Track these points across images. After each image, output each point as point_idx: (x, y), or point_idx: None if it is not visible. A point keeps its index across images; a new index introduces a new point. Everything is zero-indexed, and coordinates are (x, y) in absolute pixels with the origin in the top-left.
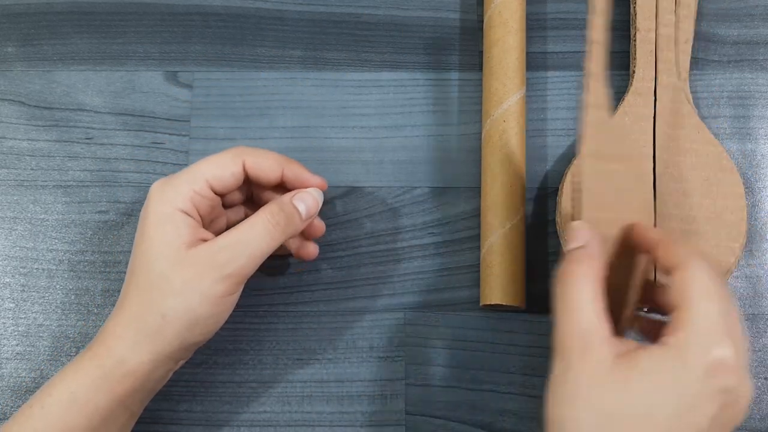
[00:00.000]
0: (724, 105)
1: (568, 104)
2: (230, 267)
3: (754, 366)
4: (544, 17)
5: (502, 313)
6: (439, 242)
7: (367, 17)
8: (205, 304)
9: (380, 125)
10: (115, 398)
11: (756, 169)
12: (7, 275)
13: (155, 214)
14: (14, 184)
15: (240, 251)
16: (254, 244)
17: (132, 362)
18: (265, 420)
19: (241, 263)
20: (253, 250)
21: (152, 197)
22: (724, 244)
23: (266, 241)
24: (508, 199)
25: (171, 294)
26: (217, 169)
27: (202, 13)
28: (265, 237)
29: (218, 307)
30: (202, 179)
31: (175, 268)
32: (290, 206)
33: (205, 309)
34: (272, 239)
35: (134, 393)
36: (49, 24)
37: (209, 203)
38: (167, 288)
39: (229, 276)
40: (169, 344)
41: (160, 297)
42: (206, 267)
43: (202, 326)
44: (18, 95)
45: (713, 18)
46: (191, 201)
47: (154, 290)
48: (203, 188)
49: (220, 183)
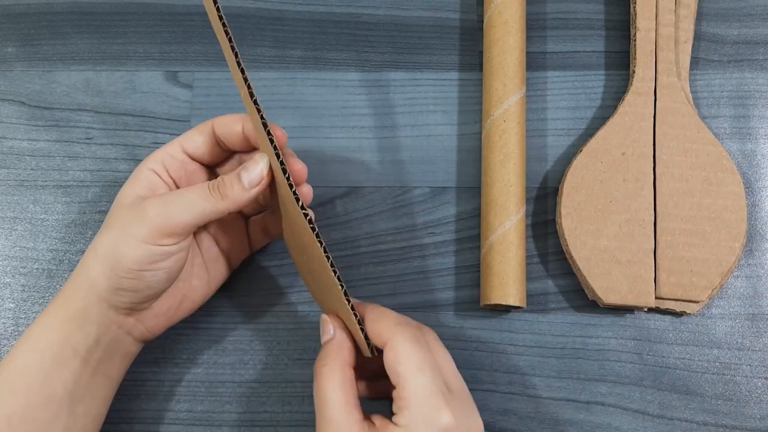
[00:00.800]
0: (724, 105)
1: (568, 104)
2: (154, 213)
3: (755, 366)
4: (544, 17)
5: (502, 313)
6: (439, 242)
7: (367, 17)
8: (128, 243)
9: (380, 125)
10: (60, 336)
11: (756, 169)
12: (7, 275)
13: (133, 173)
14: (14, 184)
15: (170, 203)
16: (186, 201)
17: (70, 299)
18: (266, 420)
19: (167, 213)
20: (183, 205)
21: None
22: (724, 244)
23: (200, 202)
24: (508, 199)
25: (105, 231)
26: (190, 132)
27: (202, 13)
28: (200, 197)
29: (141, 251)
30: (176, 143)
31: (119, 211)
32: (233, 174)
33: (128, 249)
34: (207, 201)
35: (77, 333)
36: (49, 24)
37: (180, 164)
38: (107, 226)
39: (151, 221)
40: (97, 279)
41: (99, 235)
42: (138, 211)
43: (126, 269)
44: (18, 95)
45: (713, 18)
46: (161, 162)
47: (99, 231)
48: (174, 150)
49: (191, 143)
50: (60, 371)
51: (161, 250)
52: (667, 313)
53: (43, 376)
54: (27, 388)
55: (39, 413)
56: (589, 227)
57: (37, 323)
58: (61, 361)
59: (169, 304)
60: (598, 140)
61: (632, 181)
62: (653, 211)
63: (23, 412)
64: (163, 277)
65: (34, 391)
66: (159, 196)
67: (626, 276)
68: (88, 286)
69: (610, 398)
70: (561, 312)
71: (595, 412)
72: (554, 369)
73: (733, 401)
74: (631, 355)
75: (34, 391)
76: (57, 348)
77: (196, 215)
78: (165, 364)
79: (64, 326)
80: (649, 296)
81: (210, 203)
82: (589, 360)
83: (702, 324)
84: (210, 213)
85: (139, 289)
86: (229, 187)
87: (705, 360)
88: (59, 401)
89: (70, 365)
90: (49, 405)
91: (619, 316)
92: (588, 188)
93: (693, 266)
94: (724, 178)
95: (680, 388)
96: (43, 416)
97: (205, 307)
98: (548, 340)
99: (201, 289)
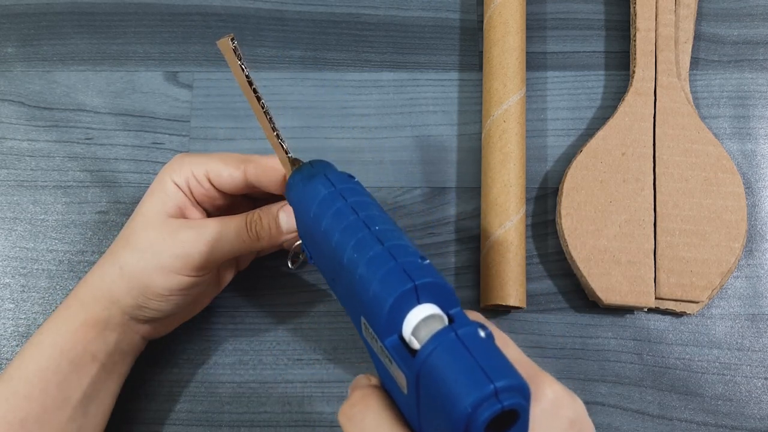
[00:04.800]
0: (724, 105)
1: (568, 104)
2: (190, 247)
3: (755, 366)
4: (544, 17)
5: (502, 313)
6: (439, 242)
7: (367, 17)
8: (160, 272)
9: (380, 125)
10: (79, 342)
11: (756, 169)
12: (7, 275)
13: (156, 181)
14: (14, 184)
15: (206, 238)
16: (222, 238)
17: (90, 307)
18: (266, 420)
19: (201, 249)
20: (218, 242)
21: (165, 166)
22: (724, 245)
23: (236, 240)
24: (508, 199)
25: (132, 249)
26: (220, 164)
27: (202, 13)
28: (236, 236)
29: (171, 281)
30: (203, 167)
31: (147, 229)
32: (271, 215)
33: (160, 278)
34: (242, 241)
35: (97, 341)
36: (49, 24)
37: (204, 192)
38: (133, 243)
39: (187, 255)
40: (122, 297)
41: (123, 250)
42: (171, 239)
43: (155, 294)
44: (18, 95)
45: (713, 18)
46: (187, 180)
47: (122, 242)
48: (200, 176)
49: (218, 179)
50: (77, 376)
51: (193, 281)
52: (667, 314)
53: (59, 380)
54: (43, 393)
55: (55, 416)
56: (589, 227)
57: (49, 328)
58: (79, 366)
59: (184, 313)
60: (598, 140)
61: (632, 182)
62: (653, 212)
63: (39, 416)
64: (190, 300)
65: (51, 395)
66: (195, 228)
67: (626, 276)
68: (111, 299)
69: (610, 398)
70: (561, 312)
71: (595, 413)
72: (554, 369)
73: (733, 401)
74: (631, 355)
75: (51, 395)
76: (74, 354)
77: (233, 253)
78: (165, 364)
79: (83, 333)
80: (649, 296)
81: (246, 243)
82: (589, 360)
83: (702, 324)
84: (245, 252)
85: (165, 309)
86: (266, 230)
87: (705, 360)
88: (76, 404)
89: (88, 370)
90: (65, 408)
91: (619, 317)
92: (588, 188)
93: (693, 266)
94: (724, 178)
95: (680, 388)
96: (58, 419)
97: (205, 308)
98: (548, 340)
99: (210, 293)
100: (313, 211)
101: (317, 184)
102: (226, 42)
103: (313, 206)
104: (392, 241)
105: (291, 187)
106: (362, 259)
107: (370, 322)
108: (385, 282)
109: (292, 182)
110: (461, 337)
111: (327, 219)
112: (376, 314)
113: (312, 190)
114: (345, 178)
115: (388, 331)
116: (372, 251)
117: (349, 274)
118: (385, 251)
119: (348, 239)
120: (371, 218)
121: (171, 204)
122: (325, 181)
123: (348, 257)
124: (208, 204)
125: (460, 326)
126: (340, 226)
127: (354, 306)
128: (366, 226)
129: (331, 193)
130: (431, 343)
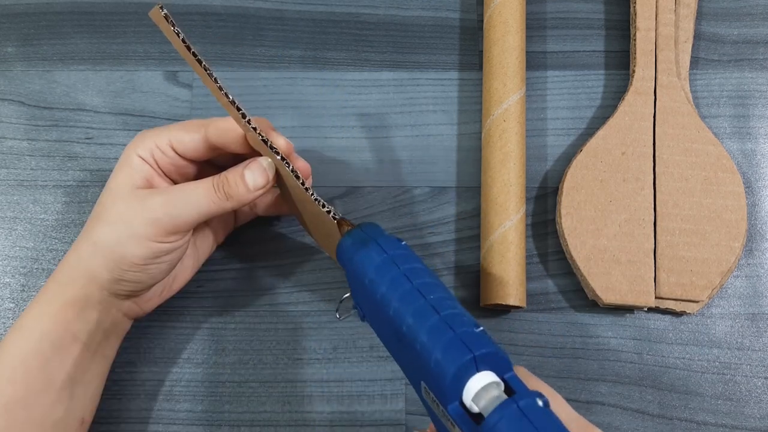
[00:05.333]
0: (724, 105)
1: (568, 104)
2: (159, 212)
3: (754, 366)
4: (544, 17)
5: (502, 313)
6: (439, 242)
7: (367, 17)
8: (133, 241)
9: (380, 125)
10: (59, 324)
11: (756, 169)
12: (7, 275)
13: (121, 157)
14: (14, 184)
15: (175, 202)
16: (191, 200)
17: (69, 287)
18: (266, 420)
19: (172, 212)
20: (187, 205)
21: (129, 143)
22: (724, 244)
23: (205, 201)
24: (508, 198)
25: (104, 223)
26: (181, 131)
27: (202, 13)
28: (205, 197)
29: (145, 249)
30: (165, 137)
31: (116, 202)
32: (237, 174)
33: (133, 247)
34: (211, 202)
35: (77, 320)
36: (49, 24)
37: (170, 161)
38: (104, 218)
39: (157, 220)
40: (99, 272)
41: (95, 226)
42: (140, 206)
43: (130, 264)
44: (18, 95)
45: (713, 18)
46: (150, 151)
47: (94, 220)
48: (163, 145)
49: (181, 145)
50: (60, 357)
51: (166, 247)
52: (667, 313)
53: (42, 363)
54: (25, 376)
55: (39, 399)
56: (589, 227)
57: (30, 312)
58: (61, 348)
59: (163, 286)
60: (598, 140)
61: (632, 181)
62: (653, 211)
63: (23, 399)
64: (165, 268)
65: (34, 378)
66: (162, 193)
67: (626, 276)
68: (89, 277)
69: (610, 398)
70: (561, 312)
71: (595, 412)
72: (554, 369)
73: (733, 401)
74: (631, 354)
75: (34, 378)
76: (56, 335)
77: (202, 214)
78: (165, 364)
79: (63, 313)
80: (648, 296)
81: (215, 203)
82: (589, 360)
83: (702, 324)
84: (214, 213)
85: (143, 280)
86: (234, 188)
87: (705, 360)
88: (60, 386)
89: (71, 351)
90: (49, 390)
91: (619, 316)
92: (588, 188)
93: (693, 266)
94: (724, 177)
95: (680, 388)
96: (43, 402)
97: (205, 307)
98: (548, 340)
99: (190, 267)
100: (369, 278)
101: (371, 251)
102: (156, 12)
103: (369, 273)
104: (447, 310)
105: (343, 251)
106: (421, 329)
107: (431, 388)
108: (445, 353)
109: (344, 246)
110: (523, 409)
111: (383, 287)
112: (438, 382)
113: (366, 257)
114: (395, 244)
115: (450, 397)
116: (430, 321)
117: (409, 341)
118: (442, 321)
119: (406, 308)
120: (425, 286)
121: (138, 176)
122: (378, 248)
123: (407, 326)
124: (176, 174)
125: (520, 398)
126: (396, 295)
127: (413, 370)
128: (422, 295)
129: (385, 260)
130: (495, 414)
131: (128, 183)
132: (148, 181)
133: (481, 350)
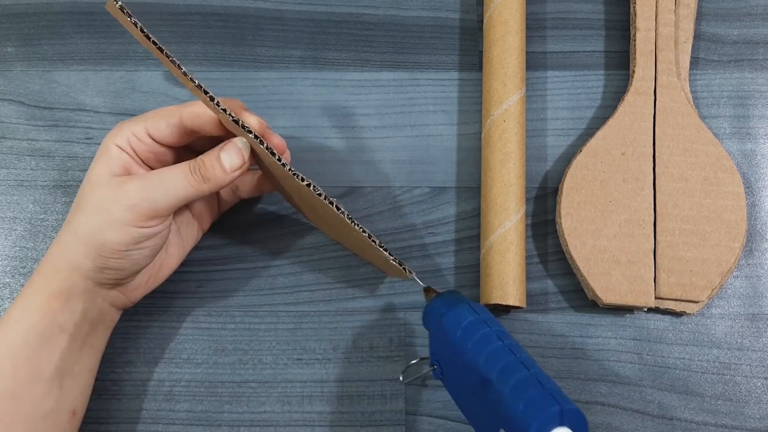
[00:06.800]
0: (724, 105)
1: (568, 104)
2: (137, 197)
3: (754, 366)
4: (544, 17)
5: (502, 313)
6: (439, 242)
7: (367, 17)
8: (113, 228)
9: (380, 125)
10: (45, 315)
11: (756, 169)
12: (7, 275)
13: (99, 148)
14: (14, 184)
15: (152, 187)
16: (168, 184)
17: (53, 279)
18: (265, 420)
19: (150, 197)
20: (165, 189)
21: (106, 135)
22: (724, 244)
23: (182, 184)
24: (508, 199)
25: (84, 212)
26: (156, 118)
27: (202, 13)
28: (182, 180)
29: (125, 235)
30: (142, 125)
31: (94, 191)
32: (213, 156)
33: (113, 233)
34: (189, 185)
35: (63, 311)
36: (49, 24)
37: (147, 149)
38: (83, 207)
39: (135, 206)
40: (82, 261)
41: (76, 215)
42: (118, 193)
43: (111, 251)
44: (18, 95)
45: (713, 18)
46: (128, 140)
47: (74, 210)
48: (140, 133)
49: (157, 132)
50: (47, 348)
51: (146, 232)
52: (666, 313)
53: (29, 354)
54: (13, 368)
55: (28, 390)
56: (589, 227)
57: (16, 305)
58: (48, 339)
59: (149, 275)
60: (598, 140)
61: (632, 181)
62: (653, 211)
63: (12, 391)
64: (148, 254)
65: (22, 370)
66: (139, 179)
67: (626, 276)
68: (72, 267)
69: (610, 398)
70: (561, 312)
71: (595, 412)
72: (554, 369)
73: (733, 401)
74: (631, 355)
75: (22, 370)
76: (42, 326)
77: (180, 198)
78: (165, 364)
79: (48, 305)
80: (648, 296)
81: (192, 187)
82: (589, 360)
83: (702, 324)
84: (193, 196)
85: (125, 267)
86: (210, 170)
87: (705, 360)
88: (49, 377)
89: (58, 342)
90: (38, 382)
91: (619, 316)
92: (588, 188)
93: (693, 266)
94: (724, 178)
95: (680, 388)
96: (32, 393)
97: (205, 307)
98: (548, 340)
99: (176, 255)
100: (459, 333)
101: (464, 310)
102: (112, 4)
103: (459, 329)
104: (535, 368)
105: (431, 312)
106: (510, 381)
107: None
108: (534, 402)
109: (432, 308)
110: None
111: (473, 342)
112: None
113: (458, 315)
114: (485, 309)
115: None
116: (520, 374)
117: (494, 392)
118: (532, 376)
119: (495, 362)
120: (514, 346)
121: (115, 165)
122: (470, 309)
123: (495, 377)
124: (154, 161)
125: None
126: (486, 350)
127: (492, 419)
128: (512, 353)
129: (477, 319)
130: None
131: (106, 172)
132: (126, 169)
133: (567, 406)
